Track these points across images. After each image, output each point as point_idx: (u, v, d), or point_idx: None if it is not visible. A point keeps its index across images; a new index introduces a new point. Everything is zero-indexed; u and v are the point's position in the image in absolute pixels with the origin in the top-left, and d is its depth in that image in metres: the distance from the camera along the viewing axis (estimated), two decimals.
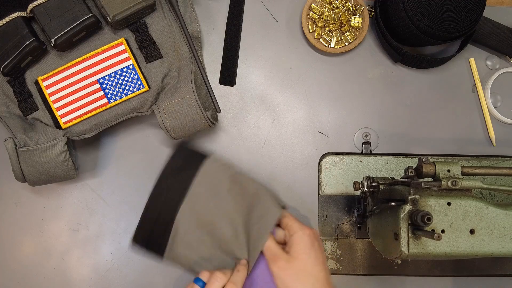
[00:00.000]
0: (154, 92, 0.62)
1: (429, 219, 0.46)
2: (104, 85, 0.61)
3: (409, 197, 0.48)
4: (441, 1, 0.61)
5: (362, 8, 0.68)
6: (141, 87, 0.61)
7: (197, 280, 0.53)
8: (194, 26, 0.66)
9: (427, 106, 0.70)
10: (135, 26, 0.61)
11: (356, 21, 0.68)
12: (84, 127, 0.61)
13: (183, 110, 0.61)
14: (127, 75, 0.61)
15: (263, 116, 0.69)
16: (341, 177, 0.68)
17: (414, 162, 0.68)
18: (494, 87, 0.70)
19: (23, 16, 0.58)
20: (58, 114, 0.60)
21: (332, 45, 0.68)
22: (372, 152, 0.69)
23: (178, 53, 0.62)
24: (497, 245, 0.50)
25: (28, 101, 0.60)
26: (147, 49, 0.61)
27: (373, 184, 0.56)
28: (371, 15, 0.70)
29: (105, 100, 0.61)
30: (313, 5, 0.69)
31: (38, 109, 0.60)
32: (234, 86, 0.70)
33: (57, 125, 0.61)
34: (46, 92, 0.60)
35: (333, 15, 0.68)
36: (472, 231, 0.49)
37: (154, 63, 0.61)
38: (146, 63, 0.61)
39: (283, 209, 0.56)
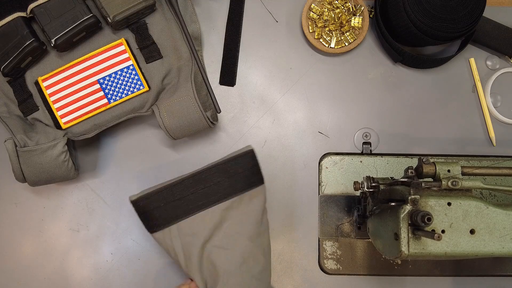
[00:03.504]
0: (154, 92, 0.62)
1: (429, 219, 0.46)
2: (104, 85, 0.61)
3: (409, 197, 0.48)
4: (441, 1, 0.61)
5: (362, 8, 0.68)
6: (141, 87, 0.61)
7: None
8: (194, 27, 0.66)
9: (427, 106, 0.70)
10: (135, 26, 0.61)
11: (356, 21, 0.68)
12: (84, 127, 0.61)
13: (183, 110, 0.61)
14: (127, 75, 0.61)
15: (263, 116, 0.69)
16: (341, 177, 0.68)
17: (414, 162, 0.68)
18: (494, 87, 0.70)
19: (23, 16, 0.58)
20: (58, 114, 0.60)
21: (332, 45, 0.68)
22: (372, 152, 0.69)
23: (178, 53, 0.62)
24: (497, 245, 0.50)
25: (28, 102, 0.60)
26: (147, 50, 0.61)
27: (373, 184, 0.56)
28: (371, 15, 0.70)
29: (105, 100, 0.61)
30: (313, 5, 0.69)
31: (38, 109, 0.60)
32: (234, 86, 0.70)
33: (57, 126, 0.61)
34: (46, 92, 0.60)
35: (333, 15, 0.68)
36: (472, 231, 0.49)
37: (154, 63, 0.61)
38: (146, 63, 0.61)
39: None
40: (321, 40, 0.69)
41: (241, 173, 0.60)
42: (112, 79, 0.61)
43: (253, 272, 0.58)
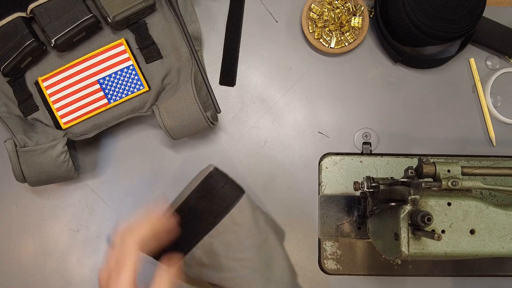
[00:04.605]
0: (154, 93, 0.62)
1: (429, 219, 0.46)
2: (104, 86, 0.61)
3: (409, 197, 0.48)
4: (441, 1, 0.61)
5: (362, 8, 0.68)
6: (141, 87, 0.61)
7: None
8: (194, 27, 0.66)
9: (427, 106, 0.70)
10: (135, 26, 0.61)
11: (356, 21, 0.68)
12: (84, 127, 0.61)
13: (183, 110, 0.61)
14: (127, 75, 0.61)
15: (263, 117, 0.69)
16: (341, 178, 0.68)
17: (414, 162, 0.68)
18: (494, 87, 0.70)
19: (23, 16, 0.58)
20: (58, 114, 0.60)
21: (332, 45, 0.68)
22: (372, 152, 0.69)
23: (178, 53, 0.62)
24: (497, 245, 0.50)
25: (28, 102, 0.60)
26: (147, 50, 0.61)
27: (373, 184, 0.56)
28: (371, 15, 0.70)
29: (105, 100, 0.61)
30: (313, 5, 0.69)
31: (38, 109, 0.60)
32: (234, 86, 0.70)
33: (57, 126, 0.61)
34: (46, 92, 0.60)
35: (333, 15, 0.68)
36: (472, 231, 0.49)
37: (154, 63, 0.61)
38: (146, 63, 0.61)
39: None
40: (321, 40, 0.69)
41: (218, 193, 0.56)
42: (112, 79, 0.61)
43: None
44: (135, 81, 0.61)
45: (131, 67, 0.61)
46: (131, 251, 0.44)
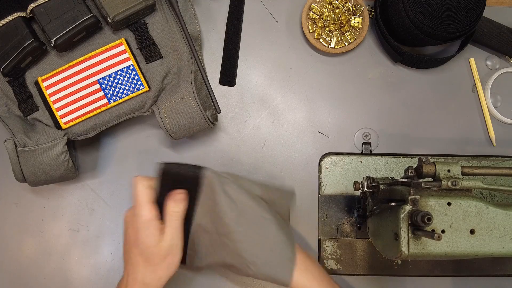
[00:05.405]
0: (154, 93, 0.62)
1: (429, 219, 0.46)
2: (104, 86, 0.61)
3: (409, 197, 0.48)
4: (441, 1, 0.61)
5: (362, 8, 0.68)
6: (141, 87, 0.61)
7: None
8: (194, 27, 0.66)
9: (427, 106, 0.70)
10: (135, 26, 0.61)
11: (356, 21, 0.68)
12: (84, 127, 0.61)
13: (183, 110, 0.61)
14: (127, 75, 0.61)
15: (263, 116, 0.69)
16: (341, 177, 0.68)
17: (414, 162, 0.68)
18: (494, 87, 0.70)
19: (23, 16, 0.58)
20: (58, 114, 0.60)
21: (332, 45, 0.68)
22: (372, 152, 0.69)
23: (178, 53, 0.62)
24: (497, 245, 0.50)
25: (28, 102, 0.60)
26: (147, 50, 0.61)
27: (373, 184, 0.56)
28: (371, 15, 0.70)
29: (105, 100, 0.61)
30: (313, 5, 0.69)
31: (38, 109, 0.60)
32: (234, 86, 0.70)
33: (57, 126, 0.61)
34: (46, 92, 0.60)
35: (333, 15, 0.68)
36: (472, 231, 0.49)
37: (154, 63, 0.61)
38: (146, 63, 0.61)
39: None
40: (321, 40, 0.69)
41: (180, 182, 0.56)
42: (112, 79, 0.61)
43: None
44: (135, 81, 0.61)
45: (131, 67, 0.61)
46: (142, 191, 0.53)
